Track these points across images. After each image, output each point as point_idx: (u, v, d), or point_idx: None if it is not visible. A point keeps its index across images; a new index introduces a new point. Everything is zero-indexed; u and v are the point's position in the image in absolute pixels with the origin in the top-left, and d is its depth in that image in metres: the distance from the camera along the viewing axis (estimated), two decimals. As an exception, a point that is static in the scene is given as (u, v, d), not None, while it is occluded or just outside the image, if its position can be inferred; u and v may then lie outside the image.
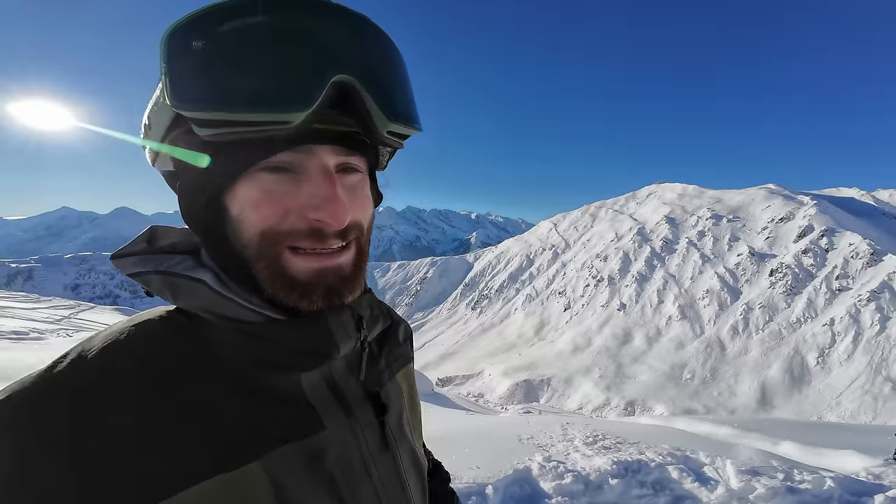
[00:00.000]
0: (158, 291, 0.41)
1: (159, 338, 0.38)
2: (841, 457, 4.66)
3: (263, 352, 0.39)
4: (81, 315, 14.44)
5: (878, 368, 53.67)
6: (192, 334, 0.39)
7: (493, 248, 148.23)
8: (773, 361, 60.97)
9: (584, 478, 3.52)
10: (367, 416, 0.46)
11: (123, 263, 0.42)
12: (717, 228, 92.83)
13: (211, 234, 0.40)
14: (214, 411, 0.36)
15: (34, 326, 8.73)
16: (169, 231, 0.44)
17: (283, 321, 0.40)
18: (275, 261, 0.38)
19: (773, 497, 3.23)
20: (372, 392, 0.48)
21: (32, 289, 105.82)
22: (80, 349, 0.37)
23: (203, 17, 0.32)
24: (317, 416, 0.41)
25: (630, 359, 70.60)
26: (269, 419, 0.38)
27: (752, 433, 6.21)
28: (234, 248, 0.39)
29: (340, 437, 0.43)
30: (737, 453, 4.38)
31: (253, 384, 0.38)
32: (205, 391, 0.36)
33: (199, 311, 0.39)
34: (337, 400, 0.44)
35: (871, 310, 61.11)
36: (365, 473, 0.44)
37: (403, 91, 0.40)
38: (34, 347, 6.45)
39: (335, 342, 0.41)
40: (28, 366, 5.11)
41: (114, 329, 0.39)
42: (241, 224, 0.38)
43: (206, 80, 0.32)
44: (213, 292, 0.39)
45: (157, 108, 0.37)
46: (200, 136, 0.34)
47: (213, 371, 0.38)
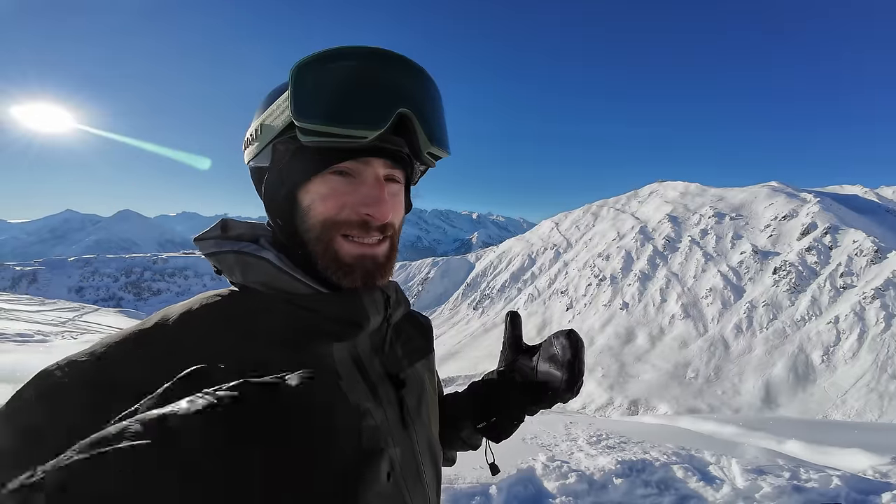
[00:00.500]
0: (229, 269, 0.52)
1: (223, 306, 0.50)
2: (847, 455, 4.62)
3: (308, 320, 0.50)
4: (85, 317, 14.51)
5: (883, 366, 53.33)
6: (250, 306, 0.50)
7: (495, 248, 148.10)
8: (777, 360, 60.67)
9: (588, 477, 3.51)
10: (388, 395, 0.55)
11: (205, 245, 0.54)
12: (720, 227, 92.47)
13: (284, 219, 0.52)
14: (268, 366, 0.42)
15: (39, 329, 8.77)
16: (236, 224, 0.56)
17: (326, 293, 0.52)
18: (329, 243, 0.51)
19: (780, 496, 3.20)
20: (393, 371, 0.57)
21: (37, 292, 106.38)
22: (160, 317, 0.48)
23: (321, 58, 0.47)
24: (345, 385, 0.50)
25: (633, 358, 70.39)
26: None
27: (757, 432, 6.16)
28: (298, 232, 0.52)
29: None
30: (742, 452, 4.35)
31: (297, 352, 0.48)
32: (261, 349, 0.46)
33: (260, 286, 0.51)
34: (362, 375, 0.53)
35: (876, 307, 60.73)
36: (388, 443, 0.52)
37: (441, 122, 0.55)
38: (39, 350, 6.48)
39: (367, 314, 0.52)
40: (34, 368, 5.11)
41: (184, 304, 0.50)
42: (308, 213, 0.51)
43: (318, 100, 0.46)
44: (275, 268, 0.50)
45: (273, 119, 0.50)
46: (302, 142, 0.48)
47: (266, 338, 0.48)
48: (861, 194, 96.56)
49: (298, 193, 0.51)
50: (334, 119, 0.47)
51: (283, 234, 0.53)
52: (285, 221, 0.53)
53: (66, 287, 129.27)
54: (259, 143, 0.52)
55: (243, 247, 0.52)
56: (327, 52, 0.48)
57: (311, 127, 0.47)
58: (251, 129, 0.53)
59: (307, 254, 0.52)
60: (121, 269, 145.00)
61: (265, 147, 0.51)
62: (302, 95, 0.47)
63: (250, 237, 0.55)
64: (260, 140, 0.52)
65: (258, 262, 0.51)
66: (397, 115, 0.48)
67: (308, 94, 0.47)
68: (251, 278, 0.51)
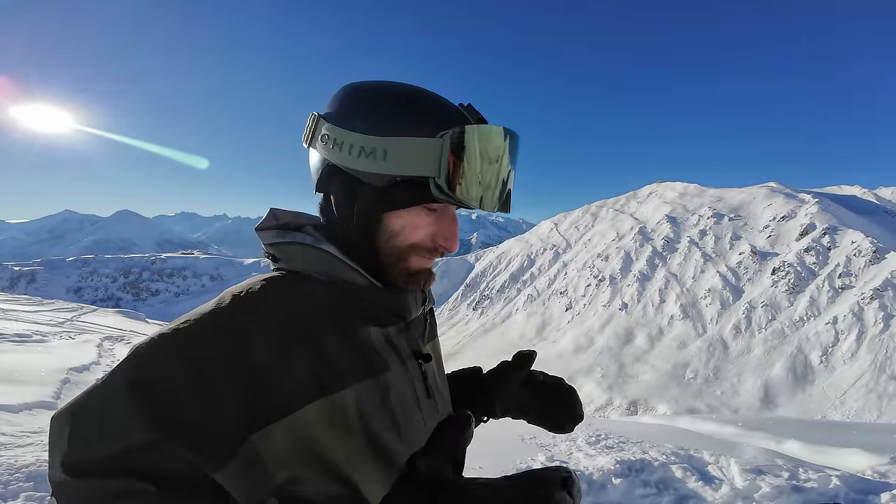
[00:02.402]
0: (289, 257, 0.57)
1: (283, 288, 0.54)
2: (846, 455, 4.62)
3: (359, 307, 0.56)
4: (84, 318, 14.43)
5: (882, 367, 53.35)
6: (304, 289, 0.55)
7: (494, 249, 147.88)
8: (776, 360, 60.69)
9: (587, 477, 3.51)
10: (415, 368, 0.62)
11: (265, 235, 0.59)
12: (719, 227, 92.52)
13: (360, 228, 0.57)
14: (320, 345, 0.51)
15: (37, 329, 8.73)
16: (284, 213, 0.60)
17: (382, 287, 0.58)
18: (406, 260, 0.57)
19: (779, 496, 3.20)
20: (416, 349, 0.64)
21: (35, 291, 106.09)
22: (228, 296, 0.52)
23: (479, 135, 0.53)
24: (384, 359, 0.56)
25: (632, 358, 70.39)
26: (356, 356, 0.53)
27: (755, 432, 6.16)
28: (374, 242, 0.57)
29: (400, 378, 0.58)
30: (741, 452, 4.36)
31: (347, 329, 0.54)
32: (314, 329, 0.51)
33: (318, 274, 0.56)
34: (394, 351, 0.59)
35: (875, 308, 60.79)
36: (416, 409, 0.59)
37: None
38: (37, 350, 6.45)
39: (409, 308, 0.60)
40: (33, 368, 5.11)
41: (249, 283, 0.55)
42: (397, 236, 0.56)
43: (464, 177, 0.53)
44: (338, 260, 0.55)
45: (409, 160, 0.52)
46: (433, 196, 0.54)
47: (322, 316, 0.53)
48: (859, 195, 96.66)
49: (387, 215, 0.56)
50: (469, 197, 0.53)
51: (353, 235, 0.57)
52: (364, 230, 0.57)
53: (65, 287, 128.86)
54: (378, 165, 0.53)
55: (303, 238, 0.57)
56: (483, 130, 0.53)
57: (449, 196, 0.53)
58: (363, 139, 0.53)
59: (376, 259, 0.57)
60: (119, 270, 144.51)
61: (390, 177, 0.53)
62: (464, 165, 0.52)
63: (295, 226, 0.60)
64: (383, 165, 0.53)
65: (321, 254, 0.55)
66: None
67: (465, 163, 0.52)
68: (312, 266, 0.56)
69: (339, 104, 0.57)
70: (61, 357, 5.94)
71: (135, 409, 0.42)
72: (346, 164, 0.55)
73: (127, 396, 0.42)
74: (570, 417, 0.74)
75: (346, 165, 0.55)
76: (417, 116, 0.53)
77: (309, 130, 0.57)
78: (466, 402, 0.78)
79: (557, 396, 0.75)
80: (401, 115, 0.54)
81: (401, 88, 0.55)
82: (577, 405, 0.74)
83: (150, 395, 0.42)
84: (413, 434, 0.56)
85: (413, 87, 0.56)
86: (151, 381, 0.43)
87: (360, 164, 0.54)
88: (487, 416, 0.79)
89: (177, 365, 0.43)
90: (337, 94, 0.58)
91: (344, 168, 0.55)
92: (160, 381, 0.43)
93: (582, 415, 0.75)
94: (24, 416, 3.45)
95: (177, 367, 0.43)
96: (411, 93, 0.55)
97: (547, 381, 0.77)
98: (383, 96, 0.55)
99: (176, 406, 0.42)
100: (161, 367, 0.44)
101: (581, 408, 0.75)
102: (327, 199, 0.59)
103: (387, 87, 0.56)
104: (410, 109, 0.54)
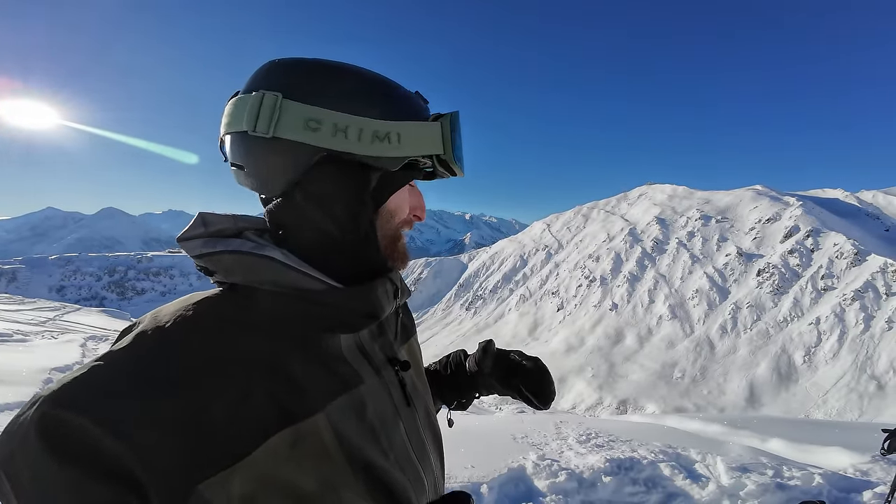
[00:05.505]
0: (226, 270, 0.49)
1: (222, 309, 0.47)
2: (829, 453, 4.73)
3: (320, 315, 0.48)
4: (66, 317, 14.11)
5: (862, 367, 54.72)
6: (249, 305, 0.48)
7: (488, 249, 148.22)
8: (760, 360, 61.88)
9: (577, 476, 3.53)
10: (391, 376, 0.57)
11: (190, 246, 0.50)
12: (706, 229, 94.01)
13: (364, 219, 0.53)
14: (281, 369, 0.44)
15: (18, 328, 8.51)
16: (216, 218, 0.52)
17: (341, 288, 0.50)
18: (401, 238, 0.58)
19: (763, 493, 3.26)
20: (391, 355, 0.59)
21: (16, 290, 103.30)
22: (152, 324, 0.44)
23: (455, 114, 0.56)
24: (356, 371, 0.51)
25: (622, 358, 71.16)
26: (323, 373, 0.47)
27: (741, 430, 6.27)
28: (375, 231, 0.54)
29: (376, 390, 0.53)
30: (727, 450, 4.43)
31: (308, 344, 0.48)
32: (267, 354, 0.44)
33: (266, 285, 0.48)
34: (367, 360, 0.54)
35: (856, 309, 62.32)
36: (397, 419, 0.55)
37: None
38: (19, 349, 6.28)
39: (381, 305, 0.52)
40: (14, 368, 4.98)
41: (177, 306, 0.47)
42: (394, 215, 0.56)
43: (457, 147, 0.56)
44: (283, 266, 0.48)
45: (420, 138, 0.53)
46: (435, 170, 0.58)
47: (275, 334, 0.46)
48: (842, 198, 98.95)
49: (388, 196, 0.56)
50: (461, 164, 0.57)
51: (345, 232, 0.52)
52: (369, 220, 0.53)
53: (47, 286, 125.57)
54: (395, 149, 0.51)
55: (239, 245, 0.49)
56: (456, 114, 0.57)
57: (452, 168, 0.56)
58: (375, 124, 0.50)
59: (374, 248, 0.54)
60: (104, 268, 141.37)
61: (404, 159, 0.52)
62: (456, 141, 0.55)
63: (233, 231, 0.52)
64: (398, 148, 0.51)
65: (263, 262, 0.48)
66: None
67: (456, 140, 0.55)
68: (255, 278, 0.48)
69: (319, 85, 0.49)
70: (44, 357, 5.80)
71: (64, 480, 0.34)
72: (357, 151, 0.49)
73: (47, 466, 0.34)
74: (546, 394, 0.78)
75: (357, 152, 0.49)
76: (414, 102, 0.54)
77: (266, 115, 0.47)
78: (452, 387, 0.84)
79: (532, 377, 0.79)
80: (403, 100, 0.53)
81: (370, 71, 0.53)
82: (550, 383, 0.79)
83: (72, 463, 0.34)
84: (396, 447, 0.53)
85: (369, 70, 0.53)
86: (66, 449, 0.35)
87: (376, 150, 0.50)
88: (476, 395, 0.84)
89: (89, 427, 0.35)
90: (293, 70, 0.50)
91: (350, 155, 0.50)
92: (73, 445, 0.35)
93: (554, 392, 0.79)
94: (5, 417, 3.36)
95: (91, 431, 0.35)
96: (383, 77, 0.54)
97: (524, 362, 0.80)
98: (374, 79, 0.52)
99: (99, 471, 0.34)
100: (72, 427, 0.35)
101: (553, 385, 0.79)
102: (291, 201, 0.51)
103: (358, 68, 0.52)
104: (404, 95, 0.54)
